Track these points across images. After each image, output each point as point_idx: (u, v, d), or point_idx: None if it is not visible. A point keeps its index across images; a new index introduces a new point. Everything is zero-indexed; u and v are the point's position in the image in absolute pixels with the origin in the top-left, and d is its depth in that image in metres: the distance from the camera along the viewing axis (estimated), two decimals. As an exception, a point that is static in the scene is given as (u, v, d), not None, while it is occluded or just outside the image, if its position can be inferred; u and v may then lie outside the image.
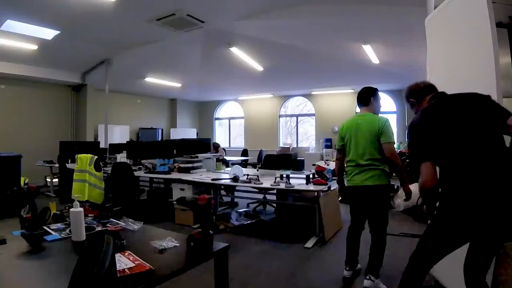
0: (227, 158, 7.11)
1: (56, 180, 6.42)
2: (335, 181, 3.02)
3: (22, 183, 4.52)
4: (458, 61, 1.90)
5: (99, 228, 1.76)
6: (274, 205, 4.95)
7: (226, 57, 6.65)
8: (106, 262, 0.93)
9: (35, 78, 7.18)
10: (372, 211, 2.46)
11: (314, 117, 10.61)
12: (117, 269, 1.11)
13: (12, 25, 4.75)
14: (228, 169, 5.05)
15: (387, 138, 2.41)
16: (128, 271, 1.17)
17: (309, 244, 3.40)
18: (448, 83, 2.04)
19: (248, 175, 3.95)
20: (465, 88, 1.82)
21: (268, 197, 4.76)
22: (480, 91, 1.64)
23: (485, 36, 1.54)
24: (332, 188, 4.23)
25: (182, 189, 4.26)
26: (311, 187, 3.55)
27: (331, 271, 2.76)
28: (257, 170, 5.00)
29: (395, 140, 2.56)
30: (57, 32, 5.13)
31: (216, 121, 12.66)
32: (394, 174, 2.48)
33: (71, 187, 4.35)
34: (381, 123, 2.45)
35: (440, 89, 1.70)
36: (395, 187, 5.42)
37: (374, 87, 2.66)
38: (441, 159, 1.45)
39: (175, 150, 5.30)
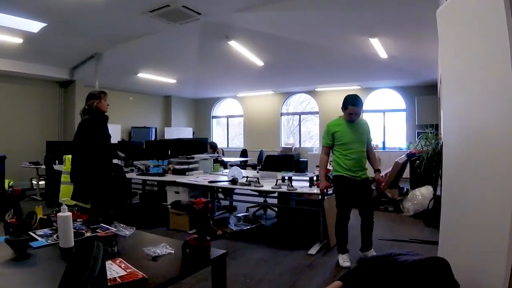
0: (225, 159, 7.11)
1: (43, 182, 6.42)
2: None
3: (6, 185, 4.53)
4: (472, 54, 1.90)
5: (88, 234, 1.76)
6: (276, 209, 4.95)
7: (225, 51, 6.65)
8: (96, 270, 0.93)
9: (20, 73, 7.17)
10: None
11: (318, 115, 10.61)
12: (108, 277, 1.11)
13: (-5, 17, 4.75)
14: (226, 170, 5.05)
15: None
16: (119, 280, 1.16)
17: (313, 250, 3.40)
18: (461, 78, 2.04)
19: (247, 177, 3.95)
20: (479, 83, 1.82)
21: (269, 200, 4.76)
22: (495, 86, 1.63)
23: (501, 28, 1.54)
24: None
25: (177, 192, 4.26)
26: (315, 190, 3.54)
27: (335, 280, 2.75)
28: (257, 172, 5.00)
29: (323, 143, 3.21)
30: (44, 24, 5.12)
31: (214, 120, 12.66)
32: (403, 176, 2.58)
33: (58, 190, 4.35)
34: None
35: (453, 85, 1.70)
36: (405, 190, 5.43)
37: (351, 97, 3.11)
38: None
39: (169, 151, 5.29)
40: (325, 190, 3.23)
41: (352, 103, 3.03)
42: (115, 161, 5.39)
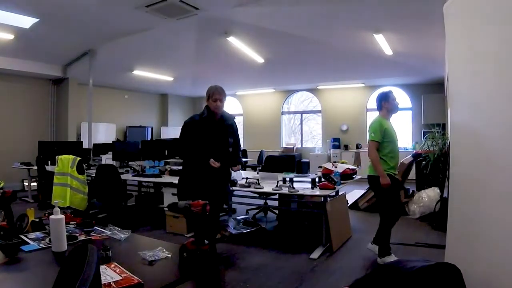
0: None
1: (35, 184, 6.42)
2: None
3: (-4, 187, 4.51)
4: (483, 51, 1.89)
5: (82, 237, 1.76)
6: (276, 211, 4.95)
7: (223, 47, 6.65)
8: (89, 275, 0.93)
9: (11, 71, 7.17)
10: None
11: (320, 114, 10.61)
12: (102, 282, 1.11)
13: (-15, 12, 4.75)
14: (225, 171, 5.04)
15: (369, 136, 3.18)
16: (114, 285, 1.16)
17: (315, 255, 3.40)
18: (471, 76, 2.04)
19: (247, 178, 3.95)
20: (487, 80, 1.82)
21: (270, 202, 4.76)
22: (505, 83, 1.63)
23: (511, 23, 1.54)
24: (340, 193, 4.23)
25: (174, 194, 4.26)
26: (317, 191, 3.55)
27: (339, 285, 2.75)
28: (257, 173, 5.00)
29: (376, 138, 3.10)
30: (36, 20, 5.12)
31: (212, 119, 12.64)
32: (409, 178, 2.63)
33: (51, 191, 4.35)
34: (371, 123, 3.23)
35: (460, 83, 1.70)
36: (410, 191, 5.43)
37: (386, 91, 3.31)
38: None
39: (166, 151, 5.30)
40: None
41: (392, 92, 3.27)
42: (109, 161, 5.41)
